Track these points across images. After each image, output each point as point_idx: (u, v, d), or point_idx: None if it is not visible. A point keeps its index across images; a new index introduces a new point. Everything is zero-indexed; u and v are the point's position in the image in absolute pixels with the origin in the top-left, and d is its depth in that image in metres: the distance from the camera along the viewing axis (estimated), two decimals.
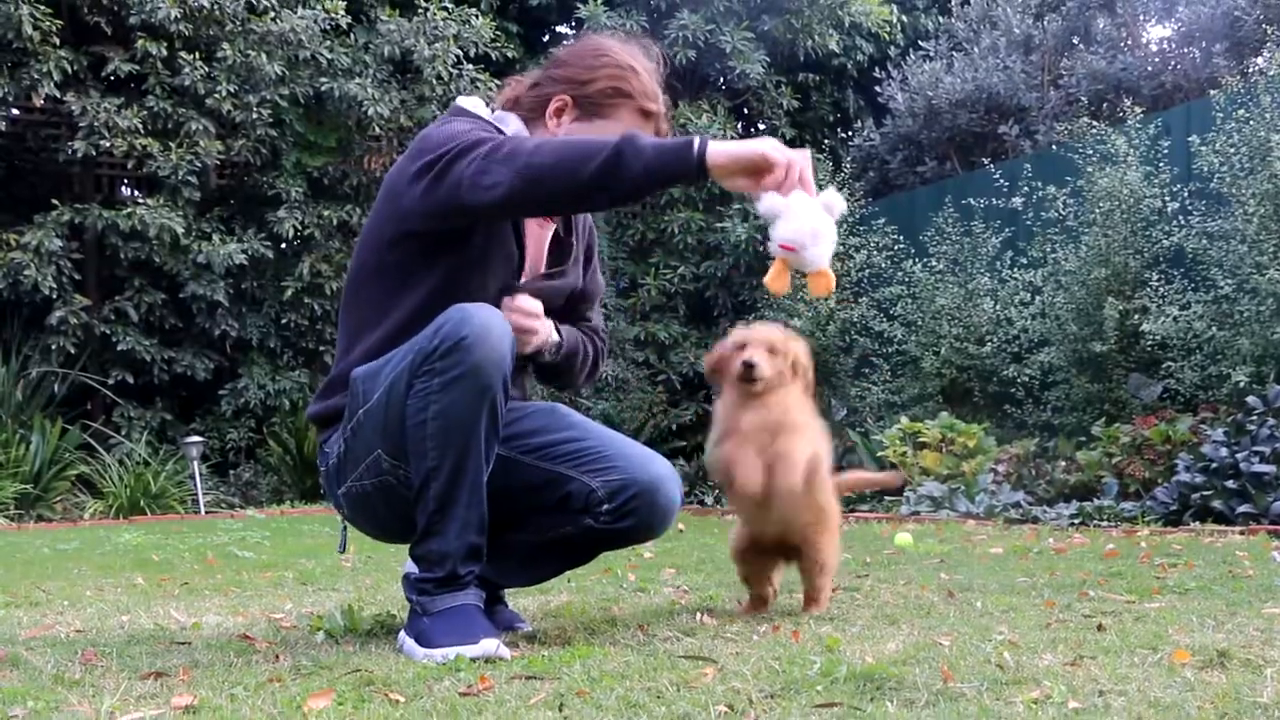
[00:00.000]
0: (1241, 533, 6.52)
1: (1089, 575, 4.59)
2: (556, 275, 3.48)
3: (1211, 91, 9.57)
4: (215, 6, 12.16)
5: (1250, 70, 9.05)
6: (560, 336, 3.44)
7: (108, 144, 11.86)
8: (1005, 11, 13.56)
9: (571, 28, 15.17)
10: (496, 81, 12.37)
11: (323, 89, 12.76)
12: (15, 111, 12.11)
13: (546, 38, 15.83)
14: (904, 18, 15.00)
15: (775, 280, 3.06)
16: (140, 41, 12.02)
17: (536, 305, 3.32)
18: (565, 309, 3.58)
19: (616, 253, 13.37)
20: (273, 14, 12.54)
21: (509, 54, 13.75)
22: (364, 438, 3.16)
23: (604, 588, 4.51)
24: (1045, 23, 13.29)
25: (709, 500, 11.35)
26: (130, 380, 12.41)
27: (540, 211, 3.11)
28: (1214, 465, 7.30)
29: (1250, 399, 7.85)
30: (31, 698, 2.59)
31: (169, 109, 12.18)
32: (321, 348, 12.83)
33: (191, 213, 12.35)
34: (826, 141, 14.20)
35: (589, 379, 3.77)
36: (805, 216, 2.96)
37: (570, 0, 13.87)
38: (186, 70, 12.08)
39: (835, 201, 3.03)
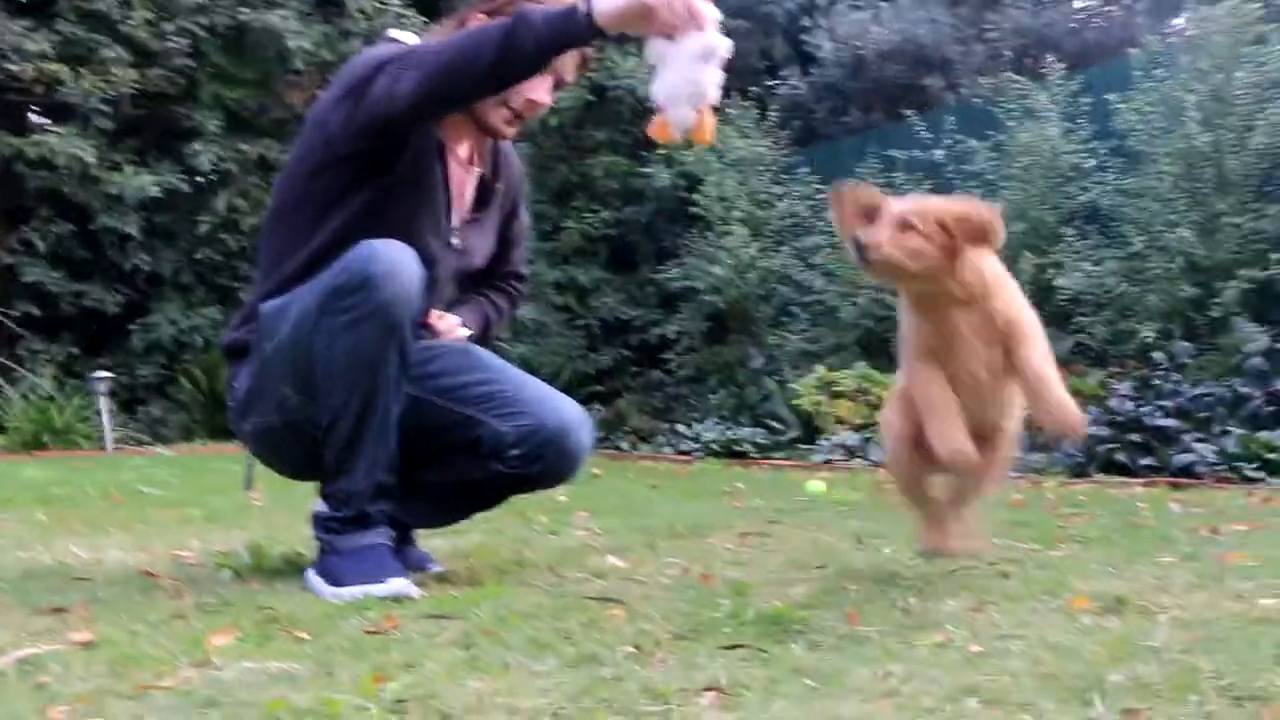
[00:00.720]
0: (1144, 484, 6.64)
1: (996, 524, 4.65)
2: (479, 218, 3.46)
3: (1131, 51, 9.67)
4: None
5: (1169, 32, 9.14)
6: (471, 328, 3.48)
7: (15, 68, 11.60)
8: None
9: None
10: (424, 19, 12.24)
11: (243, 19, 12.56)
12: None
13: None
14: None
15: (653, 130, 2.97)
16: None
17: (450, 323, 3.38)
18: (495, 254, 3.60)
19: (539, 196, 13.29)
20: None
21: None
22: (272, 374, 3.13)
23: (516, 530, 4.52)
24: None
25: (624, 445, 11.39)
26: (36, 313, 12.20)
27: (458, 102, 3.04)
28: (1120, 419, 7.43)
29: (1157, 355, 7.99)
30: None
31: (81, 34, 11.93)
32: (237, 284, 12.67)
33: (103, 142, 12.15)
34: (753, 89, 14.15)
35: (505, 325, 3.82)
36: (674, 71, 2.87)
37: None
38: None
39: (715, 44, 2.85)
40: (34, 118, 12.71)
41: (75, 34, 11.90)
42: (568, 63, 3.27)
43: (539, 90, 3.24)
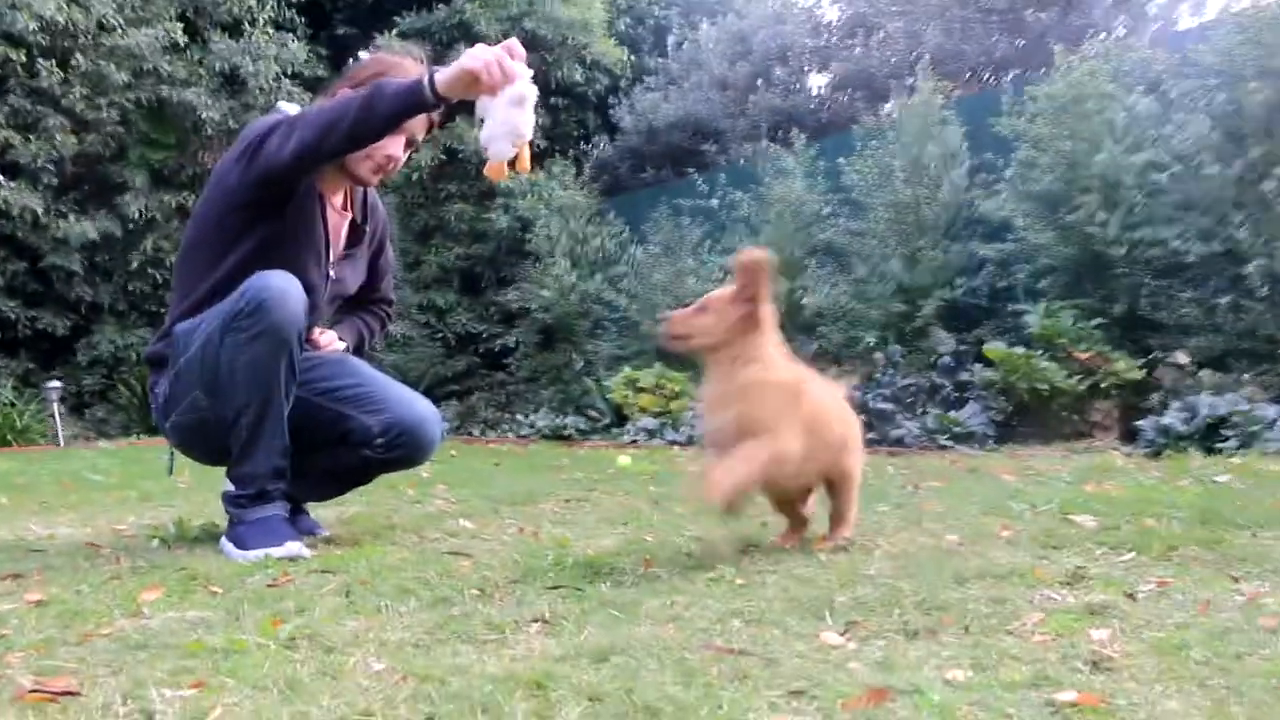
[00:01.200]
0: (868, 453, 6.81)
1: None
2: (353, 254, 3.44)
3: (854, 126, 9.92)
4: (70, 23, 11.46)
5: (881, 112, 9.40)
6: (346, 341, 3.46)
7: None
8: (708, 57, 13.78)
9: (371, 52, 14.79)
10: (309, 94, 12.02)
11: (163, 95, 12.19)
12: None
13: (351, 60, 15.39)
14: (632, 57, 15.08)
15: (487, 171, 2.89)
16: (1, 48, 11.25)
17: (329, 338, 3.37)
18: (366, 283, 3.57)
19: (404, 236, 13.10)
20: (120, 31, 11.89)
21: (320, 73, 13.36)
22: (185, 381, 3.07)
23: (388, 500, 4.48)
24: (737, 67, 13.55)
25: (475, 432, 11.31)
26: None
27: (329, 155, 2.98)
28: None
29: (877, 355, 8.22)
30: None
31: (29, 106, 11.46)
32: (162, 309, 12.22)
33: (50, 195, 11.68)
34: (572, 151, 14.18)
35: (377, 344, 3.80)
36: (495, 117, 2.82)
37: (369, 31, 13.56)
38: (44, 75, 11.38)
39: (526, 92, 2.81)
40: None
41: (24, 106, 11.42)
42: (418, 126, 3.25)
43: (394, 147, 3.22)
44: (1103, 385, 6.86)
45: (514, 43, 2.84)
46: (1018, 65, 11.63)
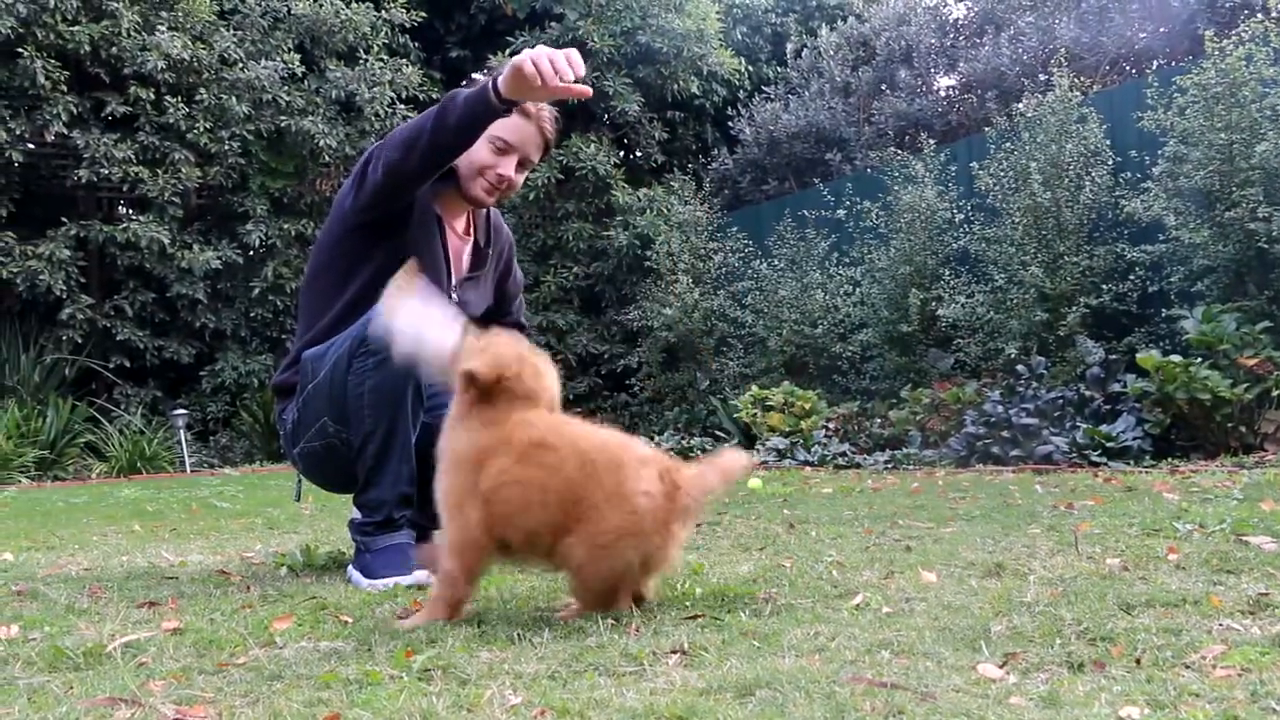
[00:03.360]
0: (1013, 471, 6.66)
1: (899, 508, 4.67)
2: (476, 277, 3.46)
3: (986, 128, 9.74)
4: (194, 59, 11.94)
5: (1014, 113, 9.20)
6: None
7: (106, 171, 11.62)
8: (829, 63, 13.66)
9: (484, 74, 15.05)
10: None
11: (282, 125, 12.58)
12: (31, 145, 11.76)
13: (464, 83, 15.66)
14: (750, 67, 15.06)
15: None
16: (133, 88, 11.82)
17: None
18: (494, 307, 3.59)
19: (522, 256, 13.25)
20: (241, 65, 12.34)
21: (434, 95, 13.60)
22: (313, 407, 3.13)
23: None
24: (860, 73, 13.41)
25: None
26: (127, 364, 12.20)
27: (419, 170, 3.06)
28: (993, 419, 7.45)
29: (1020, 367, 8.02)
30: (48, 624, 2.54)
31: (156, 142, 11.95)
32: (282, 335, 12.61)
33: (175, 227, 12.14)
34: (690, 166, 14.19)
35: None
36: (404, 325, 2.65)
37: (482, 53, 13.80)
38: (171, 111, 11.86)
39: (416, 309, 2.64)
40: (121, 209, 12.66)
41: (152, 142, 11.92)
42: (530, 146, 3.28)
43: (506, 166, 3.26)
44: (1274, 393, 6.58)
45: (573, 52, 2.84)
46: (1161, 55, 11.27)
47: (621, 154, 14.41)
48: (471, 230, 3.47)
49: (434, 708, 1.68)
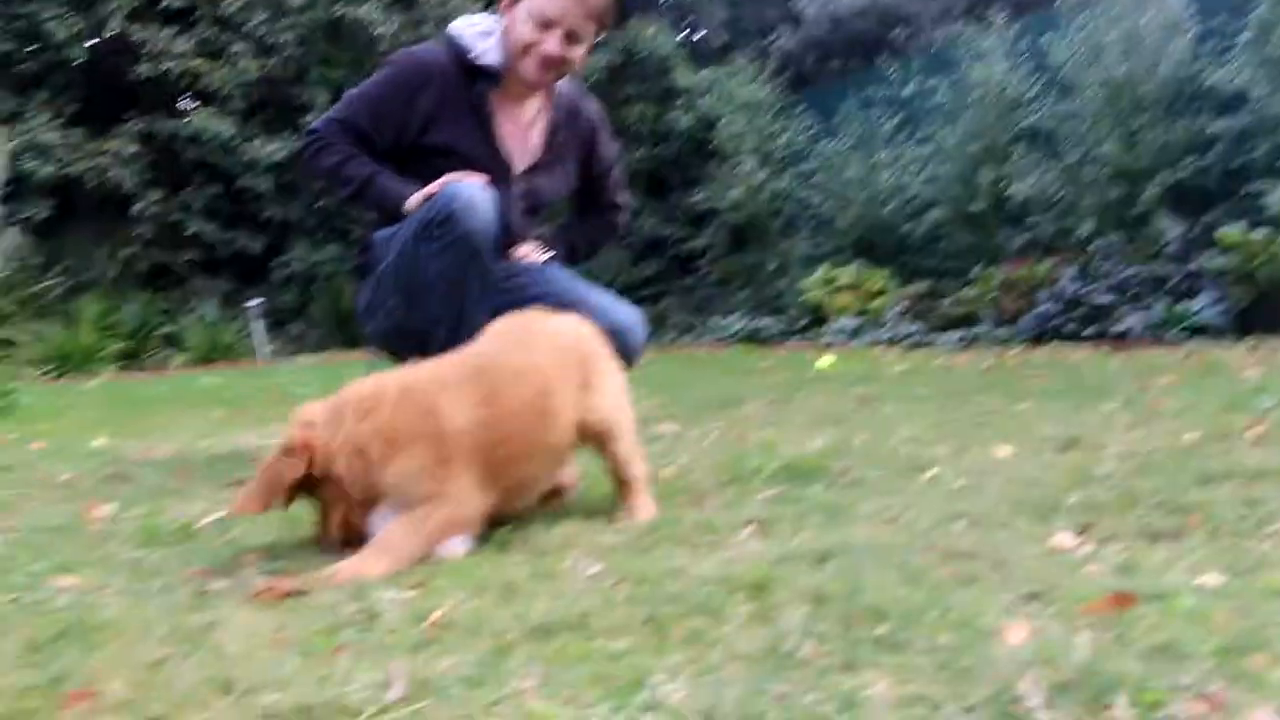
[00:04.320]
0: (1088, 349, 6.59)
1: (972, 386, 4.64)
2: (549, 162, 3.40)
3: (1059, 1, 9.44)
4: None
5: None
6: (553, 250, 3.44)
7: (167, 66, 11.65)
8: None
9: None
10: (484, 5, 12.12)
11: (338, 15, 12.51)
12: (93, 41, 11.81)
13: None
14: None
15: None
16: None
17: (528, 248, 3.35)
18: (583, 188, 3.55)
19: None
20: None
21: None
22: (384, 288, 3.15)
23: None
24: None
25: (669, 338, 11.39)
26: (199, 258, 12.38)
27: (322, 184, 3.22)
28: (1067, 297, 7.35)
29: (1095, 245, 7.89)
30: (141, 504, 2.63)
31: (215, 35, 11.94)
32: (349, 226, 12.67)
33: (238, 119, 12.19)
34: (754, 46, 13.96)
35: (605, 246, 3.85)
36: None
37: None
38: (227, 2, 11.82)
39: None
40: (185, 104, 12.73)
41: (210, 35, 11.91)
42: (581, 24, 3.16)
43: (550, 43, 3.14)
44: None
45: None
46: None
47: (683, 35, 14.19)
48: (547, 114, 3.41)
49: (515, 578, 1.73)
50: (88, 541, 2.23)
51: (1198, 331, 6.61)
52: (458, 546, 1.95)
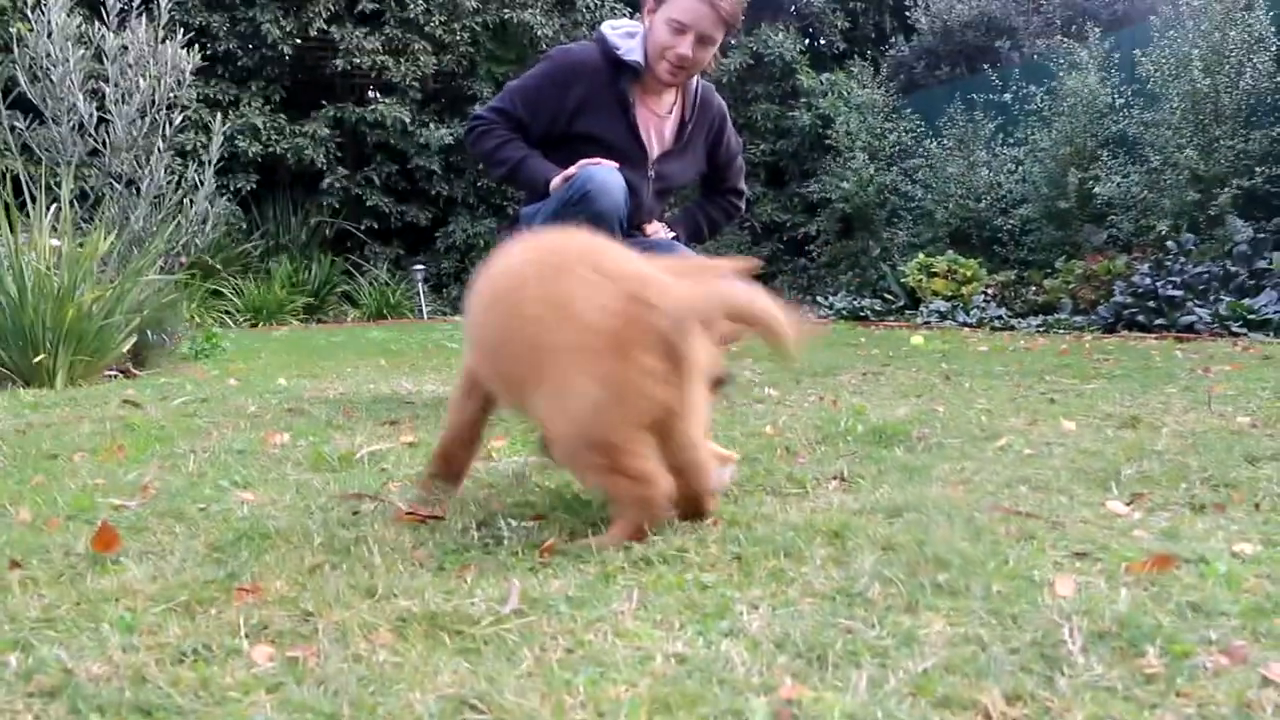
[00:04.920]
0: (1156, 338, 6.38)
1: (1047, 366, 4.55)
2: (680, 150, 3.42)
3: (1151, 17, 9.08)
4: None
5: (1179, 2, 8.52)
6: (678, 230, 3.47)
7: (358, 61, 11.95)
8: None
9: None
10: (630, 10, 12.13)
11: (505, 17, 12.65)
12: (298, 41, 12.12)
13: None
14: None
15: None
16: None
17: (655, 227, 3.37)
18: (710, 174, 3.58)
19: None
20: None
21: None
22: None
23: None
24: None
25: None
26: (375, 226, 12.67)
27: (485, 166, 3.41)
28: (1140, 290, 7.12)
29: (1169, 243, 7.62)
30: (311, 434, 2.75)
31: (399, 34, 12.19)
32: (505, 203, 12.84)
33: (415, 108, 12.43)
34: (870, 52, 13.70)
35: (724, 228, 3.91)
36: None
37: None
38: (411, 6, 12.06)
39: None
40: (370, 94, 13.02)
41: (395, 34, 12.17)
42: (710, 27, 3.15)
43: (683, 46, 3.15)
44: None
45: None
46: None
47: (806, 41, 14.01)
48: (679, 107, 3.43)
49: None
50: (265, 464, 2.35)
51: (1259, 326, 6.35)
52: (725, 475, 1.93)
